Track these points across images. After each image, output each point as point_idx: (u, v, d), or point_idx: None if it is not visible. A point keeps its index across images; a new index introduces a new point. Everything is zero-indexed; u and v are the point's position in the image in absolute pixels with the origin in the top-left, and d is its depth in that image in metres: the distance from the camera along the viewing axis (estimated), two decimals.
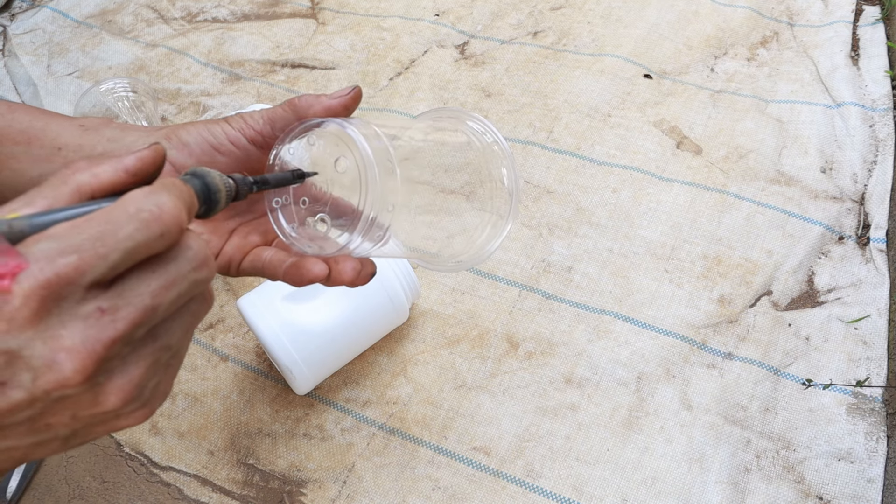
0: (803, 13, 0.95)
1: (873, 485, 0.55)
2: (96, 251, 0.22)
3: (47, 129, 0.38)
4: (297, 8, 1.05)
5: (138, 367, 0.24)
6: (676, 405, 0.60)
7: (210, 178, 0.28)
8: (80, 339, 0.22)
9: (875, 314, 0.64)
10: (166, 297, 0.24)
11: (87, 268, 0.22)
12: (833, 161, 0.77)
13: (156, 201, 0.24)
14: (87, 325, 0.22)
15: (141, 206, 0.23)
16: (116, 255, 0.22)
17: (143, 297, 0.23)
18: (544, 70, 0.90)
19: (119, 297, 0.23)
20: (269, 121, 0.36)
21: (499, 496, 0.57)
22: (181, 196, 0.25)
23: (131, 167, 0.26)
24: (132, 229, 0.23)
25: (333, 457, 0.60)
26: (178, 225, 0.24)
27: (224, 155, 0.36)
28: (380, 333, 0.63)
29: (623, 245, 0.71)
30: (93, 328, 0.22)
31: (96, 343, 0.22)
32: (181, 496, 0.59)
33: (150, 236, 0.23)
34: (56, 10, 1.08)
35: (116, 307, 0.23)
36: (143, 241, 0.23)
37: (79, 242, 0.22)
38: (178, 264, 0.25)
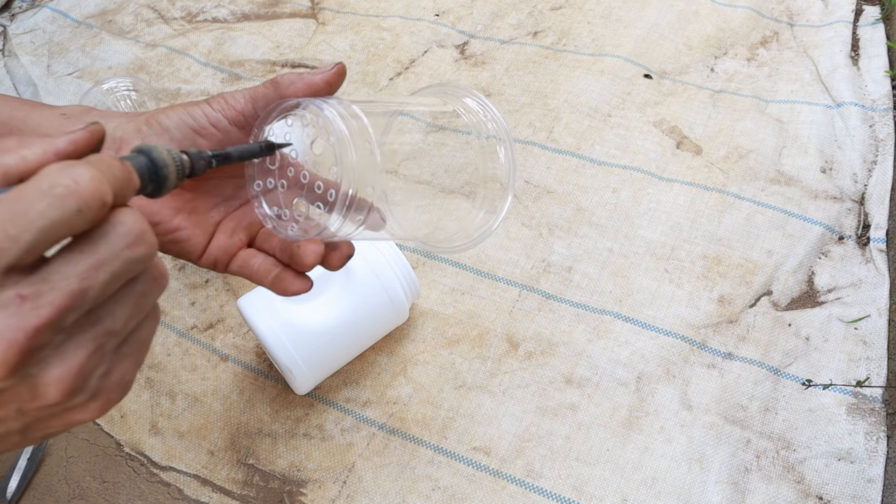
0: (803, 13, 0.95)
1: (873, 485, 0.55)
2: (6, 233, 0.20)
3: (28, 119, 0.38)
4: (297, 8, 1.05)
5: (76, 355, 0.23)
6: (676, 405, 0.60)
7: (156, 153, 0.27)
8: (9, 323, 0.21)
9: (875, 314, 0.64)
10: (97, 278, 0.23)
11: (7, 247, 0.20)
12: (833, 161, 0.77)
13: (72, 175, 0.22)
14: (6, 314, 0.21)
15: (55, 180, 0.21)
16: (29, 236, 0.21)
17: (70, 280, 0.22)
18: (544, 70, 0.90)
19: (42, 281, 0.21)
20: (250, 100, 0.35)
21: (499, 496, 0.57)
22: (106, 170, 0.23)
23: (62, 149, 0.23)
24: (44, 206, 0.21)
25: (333, 457, 0.60)
26: (99, 199, 0.22)
27: (205, 137, 0.35)
28: (380, 333, 0.63)
29: (623, 245, 0.71)
30: (12, 317, 0.21)
31: (17, 332, 0.21)
32: (181, 496, 0.59)
33: (66, 212, 0.21)
34: (56, 10, 1.08)
35: (39, 293, 0.21)
36: (58, 219, 0.21)
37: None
38: (108, 242, 0.23)
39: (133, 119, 0.36)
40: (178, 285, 0.73)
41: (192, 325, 0.69)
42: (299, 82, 0.34)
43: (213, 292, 0.72)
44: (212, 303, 0.71)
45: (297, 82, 0.34)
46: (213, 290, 0.72)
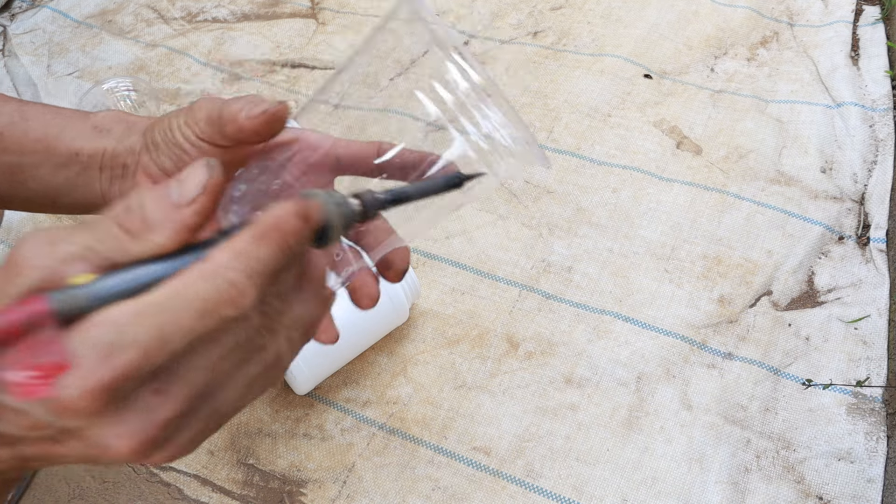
0: (803, 13, 0.95)
1: (873, 485, 0.55)
2: (160, 346, 0.21)
3: (62, 135, 0.37)
4: (297, 8, 1.05)
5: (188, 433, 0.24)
6: (676, 405, 0.60)
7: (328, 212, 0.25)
8: (135, 426, 0.21)
9: (875, 314, 0.64)
10: (222, 368, 0.23)
11: (146, 363, 0.21)
12: (833, 161, 0.77)
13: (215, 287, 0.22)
14: (141, 409, 0.22)
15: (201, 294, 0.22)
16: (176, 346, 0.21)
17: (198, 374, 0.23)
18: (544, 70, 0.90)
19: (175, 375, 0.22)
20: (208, 122, 0.33)
21: (499, 496, 0.57)
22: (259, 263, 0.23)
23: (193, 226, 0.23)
24: (193, 321, 0.21)
25: (333, 457, 0.60)
26: (236, 310, 0.22)
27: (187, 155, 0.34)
28: (380, 333, 0.63)
29: (623, 245, 0.71)
30: (147, 412, 0.22)
31: (151, 428, 0.22)
32: (181, 496, 0.59)
33: (210, 326, 0.22)
34: (56, 10, 1.08)
35: (171, 386, 0.22)
36: (202, 331, 0.22)
37: (139, 335, 0.20)
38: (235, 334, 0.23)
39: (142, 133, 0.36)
40: None
41: None
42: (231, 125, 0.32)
43: None
44: None
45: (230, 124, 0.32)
46: None
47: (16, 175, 0.38)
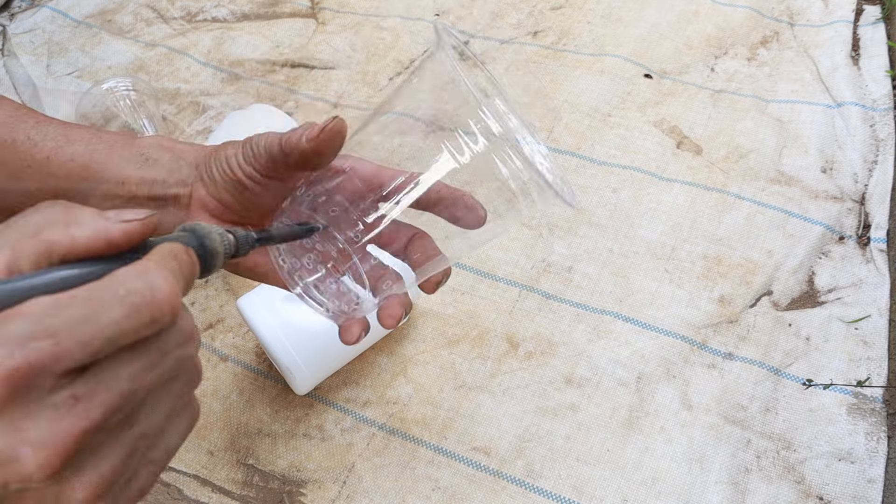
0: (804, 13, 0.95)
1: (874, 485, 0.55)
2: (76, 338, 0.19)
3: (109, 162, 0.37)
4: (297, 8, 1.05)
5: (111, 460, 0.22)
6: (677, 405, 0.60)
7: (209, 240, 0.26)
8: (49, 433, 0.20)
9: (875, 314, 0.64)
10: (146, 379, 0.22)
11: (64, 355, 0.19)
12: (833, 161, 0.77)
13: (149, 283, 0.21)
14: (57, 415, 0.20)
15: (132, 287, 0.21)
16: (98, 343, 0.20)
17: (122, 382, 0.21)
18: (544, 70, 0.90)
19: (95, 381, 0.21)
20: (269, 156, 0.34)
21: (499, 496, 0.57)
22: (179, 275, 0.23)
23: (115, 239, 0.23)
24: (119, 315, 0.20)
25: (333, 457, 0.60)
26: (172, 311, 0.22)
27: (248, 190, 0.35)
28: (380, 333, 0.63)
29: (623, 245, 0.71)
30: (64, 419, 0.20)
31: (67, 436, 0.20)
32: (181, 496, 0.59)
33: (139, 323, 0.21)
34: (55, 10, 1.08)
35: (92, 393, 0.20)
36: (129, 329, 0.21)
37: (57, 325, 0.19)
38: (161, 342, 0.22)
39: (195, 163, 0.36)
40: None
41: None
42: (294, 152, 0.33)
43: (213, 292, 0.72)
44: (211, 303, 0.71)
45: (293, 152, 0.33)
46: (212, 290, 0.72)
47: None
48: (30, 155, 0.38)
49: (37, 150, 0.38)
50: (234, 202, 0.36)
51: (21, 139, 0.38)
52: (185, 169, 0.37)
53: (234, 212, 0.36)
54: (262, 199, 0.35)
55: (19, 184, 0.38)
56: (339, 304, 0.35)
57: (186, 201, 0.36)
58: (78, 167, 0.37)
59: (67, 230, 0.22)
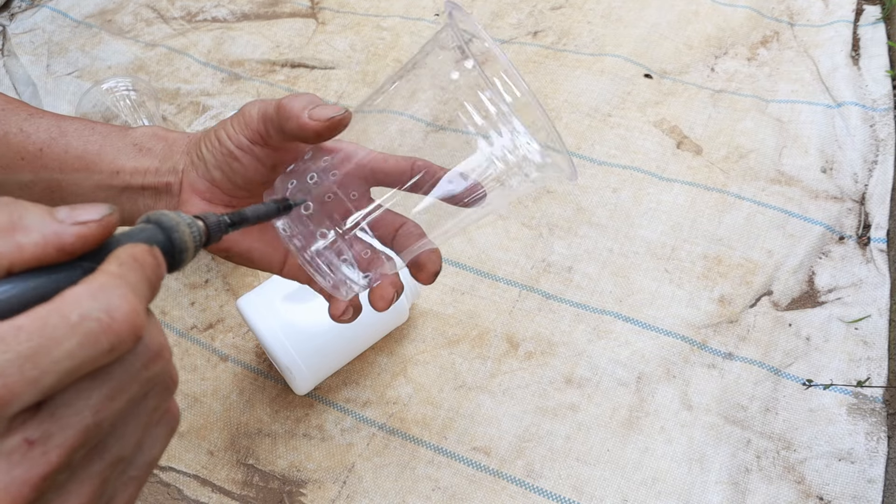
0: (804, 13, 0.95)
1: (874, 485, 0.55)
2: (25, 375, 0.17)
3: (103, 152, 0.37)
4: (297, 8, 1.05)
5: (81, 494, 0.20)
6: (677, 405, 0.60)
7: (177, 232, 0.23)
8: (2, 484, 0.18)
9: (876, 314, 0.64)
10: (112, 408, 0.20)
11: (11, 398, 0.17)
12: (833, 161, 0.77)
13: (106, 304, 0.18)
14: (10, 463, 0.18)
15: (86, 311, 0.18)
16: (51, 379, 0.18)
17: (83, 416, 0.19)
18: (544, 70, 0.90)
19: (51, 419, 0.18)
20: (261, 119, 0.34)
21: (499, 496, 0.57)
22: (142, 285, 0.20)
23: (68, 245, 0.20)
24: (73, 345, 0.18)
25: (333, 457, 0.60)
26: (134, 333, 0.19)
27: (237, 160, 0.34)
28: (380, 333, 0.63)
29: (623, 245, 0.71)
30: (18, 466, 0.18)
31: (22, 486, 0.18)
32: (181, 496, 0.59)
33: (97, 352, 0.18)
34: (55, 10, 1.08)
35: (48, 434, 0.18)
36: (87, 359, 0.18)
37: (2, 364, 0.17)
38: (125, 366, 0.20)
39: (186, 149, 0.36)
40: (177, 285, 0.73)
41: (191, 325, 0.69)
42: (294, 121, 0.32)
43: (213, 292, 0.72)
44: (211, 303, 0.71)
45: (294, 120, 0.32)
46: (212, 290, 0.72)
47: (56, 193, 0.38)
48: (22, 147, 0.37)
49: (29, 142, 0.37)
50: (224, 179, 0.35)
51: (13, 131, 0.38)
52: (176, 156, 0.37)
53: (224, 191, 0.36)
54: (251, 173, 0.35)
55: (13, 176, 0.38)
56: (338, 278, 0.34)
57: (177, 188, 0.36)
58: (72, 158, 0.37)
59: (13, 238, 0.19)
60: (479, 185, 0.34)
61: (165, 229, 0.23)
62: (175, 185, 0.36)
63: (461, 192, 0.34)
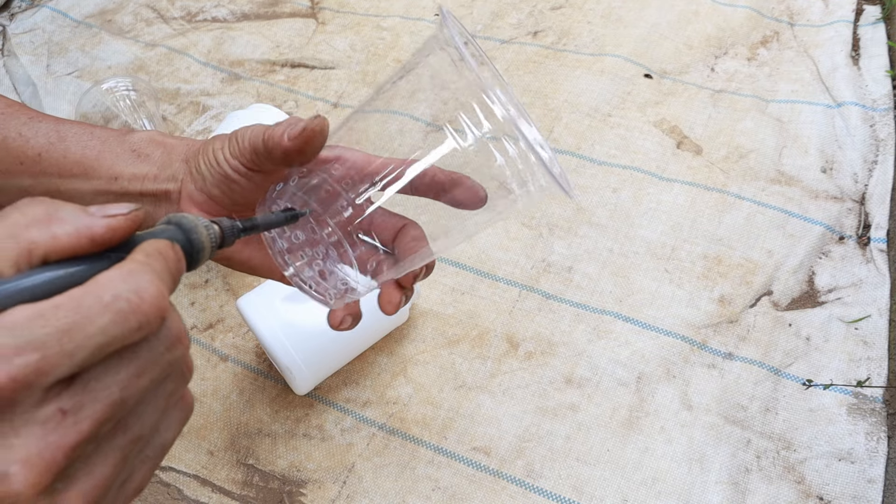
0: (804, 13, 0.95)
1: (874, 485, 0.55)
2: (62, 348, 0.19)
3: (101, 158, 0.37)
4: (297, 8, 1.05)
5: (104, 466, 0.21)
6: (677, 405, 0.60)
7: (196, 234, 0.25)
8: (37, 449, 0.19)
9: (875, 314, 0.64)
10: (137, 385, 0.21)
11: (50, 368, 0.19)
12: (833, 161, 0.77)
13: (135, 287, 0.20)
14: (45, 430, 0.19)
15: (118, 292, 0.20)
16: (85, 353, 0.19)
17: (111, 391, 0.20)
18: (544, 70, 0.90)
19: (83, 391, 0.20)
20: (252, 151, 0.34)
21: (499, 496, 0.56)
22: (166, 275, 0.22)
23: (99, 237, 0.22)
24: (106, 322, 0.19)
25: (333, 457, 0.60)
26: (160, 315, 0.21)
27: (235, 183, 0.35)
28: (380, 333, 0.63)
29: (623, 245, 0.71)
30: (52, 433, 0.19)
31: (56, 451, 0.19)
32: (181, 496, 0.59)
33: (127, 330, 0.20)
34: (55, 10, 1.08)
35: (80, 405, 0.20)
36: (117, 336, 0.20)
37: (42, 338, 0.18)
38: (150, 347, 0.22)
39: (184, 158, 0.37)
40: (180, 281, 0.73)
41: (191, 325, 0.69)
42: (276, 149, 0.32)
43: (213, 292, 0.72)
44: (211, 303, 0.71)
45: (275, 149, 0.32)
46: (212, 290, 0.72)
47: (55, 197, 0.38)
48: (21, 152, 0.38)
49: (28, 147, 0.38)
50: (223, 196, 0.36)
51: (12, 136, 0.38)
52: (175, 164, 0.37)
53: (222, 206, 0.36)
54: (249, 193, 0.35)
55: (11, 180, 0.38)
56: (328, 287, 0.34)
57: (177, 197, 0.36)
58: (70, 163, 0.37)
59: (49, 229, 0.21)
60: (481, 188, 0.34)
61: (185, 230, 0.25)
62: (174, 194, 0.36)
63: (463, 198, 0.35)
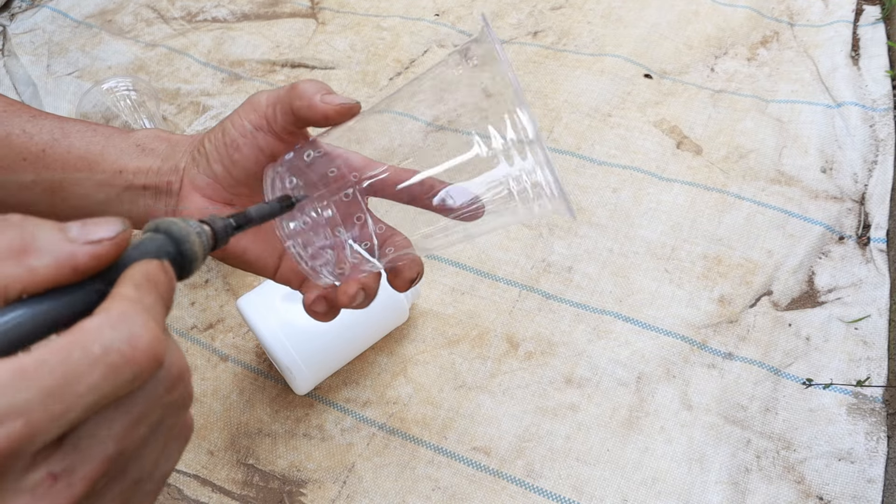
0: (803, 13, 0.95)
1: (874, 485, 0.55)
2: (49, 412, 0.17)
3: (106, 153, 0.37)
4: (297, 8, 1.05)
5: None
6: (677, 405, 0.60)
7: (187, 244, 0.23)
8: None
9: (875, 314, 0.64)
10: (135, 435, 0.20)
11: (36, 434, 0.17)
12: (833, 161, 0.77)
13: (127, 334, 0.18)
14: (35, 498, 0.18)
15: (108, 343, 0.18)
16: (74, 413, 0.18)
17: (106, 446, 0.19)
18: (544, 70, 0.90)
19: (74, 450, 0.18)
20: (271, 104, 0.34)
21: (499, 496, 0.57)
22: (159, 308, 0.20)
23: (82, 266, 0.19)
24: (96, 379, 0.18)
25: (333, 457, 0.60)
26: (156, 362, 0.19)
27: (238, 150, 0.34)
28: (380, 333, 0.63)
29: (623, 245, 0.71)
30: (42, 501, 0.18)
31: None
32: (181, 496, 0.59)
33: (120, 384, 0.18)
34: (56, 10, 1.08)
35: (72, 468, 0.18)
36: (109, 392, 0.18)
37: (25, 402, 0.17)
38: (147, 393, 0.20)
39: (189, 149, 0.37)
40: (177, 285, 0.73)
41: (191, 325, 0.69)
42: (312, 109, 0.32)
43: (213, 292, 0.72)
44: (211, 303, 0.71)
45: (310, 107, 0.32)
46: (212, 290, 0.72)
47: (57, 192, 0.38)
48: (25, 148, 0.38)
49: (32, 143, 0.38)
50: (225, 173, 0.35)
51: (16, 132, 0.38)
52: (178, 155, 0.37)
53: (224, 186, 0.36)
54: (251, 162, 0.35)
55: (15, 176, 0.38)
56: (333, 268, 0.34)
57: (177, 187, 0.36)
58: (74, 158, 0.37)
59: (25, 261, 0.19)
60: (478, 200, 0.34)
61: (176, 240, 0.23)
62: (175, 184, 0.37)
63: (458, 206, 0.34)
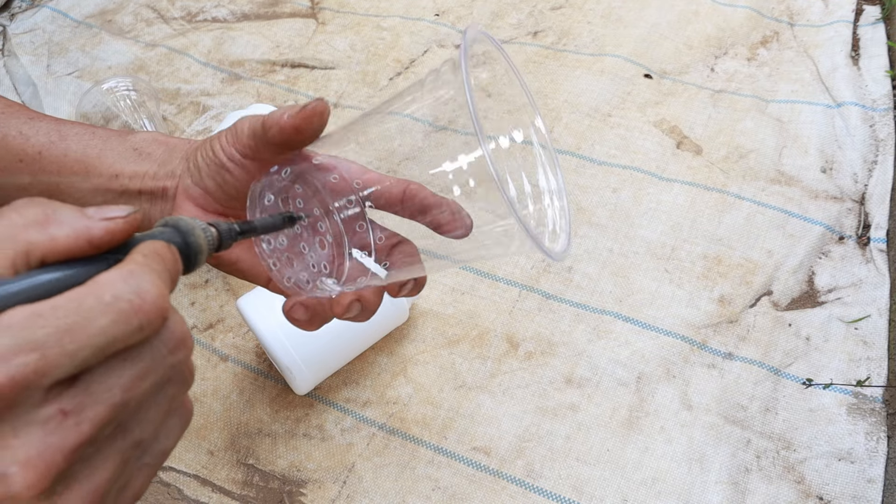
0: (804, 13, 0.95)
1: (874, 485, 0.55)
2: (62, 348, 0.19)
3: (102, 156, 0.37)
4: (297, 8, 1.05)
5: (104, 470, 0.21)
6: (676, 405, 0.60)
7: (193, 236, 0.25)
8: (37, 450, 0.19)
9: (875, 314, 0.64)
10: (139, 388, 0.21)
11: (50, 369, 0.18)
12: (833, 161, 0.77)
13: (136, 287, 0.20)
14: (45, 431, 0.19)
15: (118, 292, 0.20)
16: (86, 353, 0.19)
17: (113, 393, 0.20)
18: (544, 70, 0.90)
19: (85, 393, 0.20)
20: (251, 135, 0.34)
21: (499, 496, 0.57)
22: (165, 276, 0.22)
23: (97, 239, 0.21)
24: (107, 322, 0.19)
25: (333, 457, 0.60)
26: (161, 315, 0.21)
27: (228, 171, 0.35)
28: (380, 333, 0.63)
29: (623, 245, 0.71)
30: (53, 434, 0.19)
31: (56, 453, 0.19)
32: (181, 496, 0.59)
33: (128, 331, 0.20)
34: (56, 10, 1.08)
35: (82, 407, 0.19)
36: (119, 337, 0.20)
37: (42, 338, 0.18)
38: (153, 349, 0.21)
39: (185, 154, 0.37)
40: (177, 285, 0.73)
41: (191, 325, 0.69)
42: (275, 128, 0.33)
43: (213, 292, 0.72)
44: (212, 303, 0.71)
45: (273, 128, 0.33)
46: (212, 290, 0.72)
47: (54, 195, 0.38)
48: (21, 150, 0.38)
49: (28, 145, 0.38)
50: (217, 189, 0.36)
51: (12, 134, 0.38)
52: (175, 161, 0.37)
53: (216, 200, 0.36)
54: (241, 184, 0.35)
55: (10, 178, 0.38)
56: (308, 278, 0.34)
57: (173, 193, 0.37)
58: (71, 161, 0.37)
59: (47, 230, 0.21)
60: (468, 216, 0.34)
61: (182, 232, 0.25)
62: (171, 190, 0.37)
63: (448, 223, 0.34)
